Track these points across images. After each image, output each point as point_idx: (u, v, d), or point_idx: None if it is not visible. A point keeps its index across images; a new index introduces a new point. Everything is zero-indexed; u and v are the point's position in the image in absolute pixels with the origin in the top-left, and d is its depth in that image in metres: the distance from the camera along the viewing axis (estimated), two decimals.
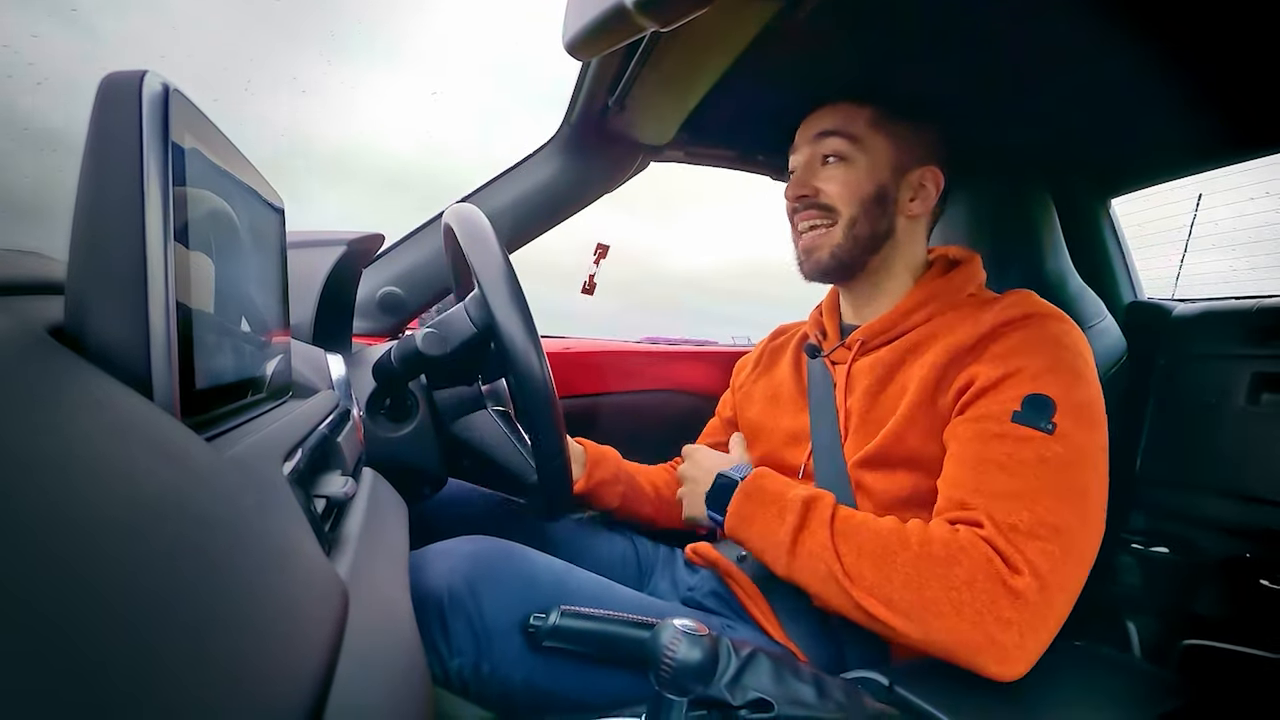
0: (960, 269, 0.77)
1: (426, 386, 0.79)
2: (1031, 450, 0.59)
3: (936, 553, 0.56)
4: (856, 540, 0.60)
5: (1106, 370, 0.84)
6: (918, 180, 0.77)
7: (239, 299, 0.37)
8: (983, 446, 0.61)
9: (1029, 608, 0.53)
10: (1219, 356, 0.97)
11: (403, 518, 0.52)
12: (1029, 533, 0.55)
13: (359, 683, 0.25)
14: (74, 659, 0.13)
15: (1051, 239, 0.93)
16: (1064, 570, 0.55)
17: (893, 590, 0.56)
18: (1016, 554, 0.54)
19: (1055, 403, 0.60)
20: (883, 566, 0.58)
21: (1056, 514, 0.56)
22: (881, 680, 0.58)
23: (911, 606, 0.56)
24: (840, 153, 0.75)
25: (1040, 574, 0.54)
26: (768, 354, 0.94)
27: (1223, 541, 0.93)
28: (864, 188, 0.75)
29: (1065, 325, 0.67)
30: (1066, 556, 0.55)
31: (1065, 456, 0.58)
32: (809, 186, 0.76)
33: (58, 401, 0.20)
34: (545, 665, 0.57)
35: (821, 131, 0.76)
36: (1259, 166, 0.98)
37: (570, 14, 0.46)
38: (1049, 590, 0.54)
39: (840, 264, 0.77)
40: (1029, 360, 0.63)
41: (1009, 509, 0.57)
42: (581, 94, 0.95)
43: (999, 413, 0.61)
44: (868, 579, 0.58)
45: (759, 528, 0.66)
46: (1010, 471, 0.58)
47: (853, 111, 0.76)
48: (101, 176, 0.26)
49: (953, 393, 0.66)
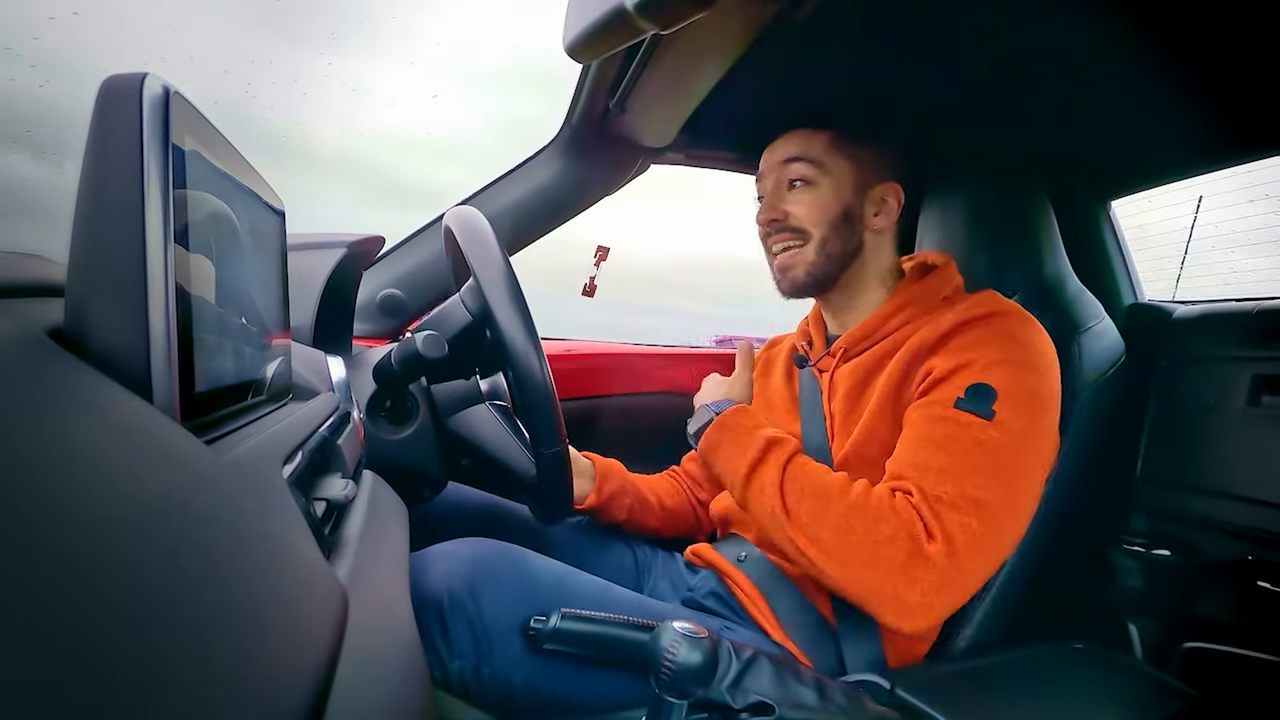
0: (935, 274, 0.80)
1: (426, 389, 0.79)
2: (969, 434, 0.63)
3: (870, 506, 0.62)
4: (802, 482, 0.66)
5: (1104, 372, 0.84)
6: (879, 196, 0.80)
7: (239, 301, 0.37)
8: (925, 428, 0.66)
9: (936, 571, 0.58)
10: (1219, 358, 0.97)
11: (403, 520, 0.52)
12: (950, 504, 0.60)
13: (359, 685, 0.25)
14: (78, 658, 0.13)
15: (1050, 241, 0.93)
16: (980, 542, 0.60)
17: (822, 530, 0.62)
18: (935, 522, 0.60)
19: (998, 392, 0.65)
20: (819, 510, 0.63)
21: (982, 490, 0.61)
22: (882, 683, 0.58)
23: (836, 549, 0.61)
24: (804, 176, 0.79)
25: (953, 542, 0.59)
26: (762, 364, 0.97)
27: (1224, 544, 0.93)
28: (831, 208, 0.78)
29: (1023, 322, 0.71)
30: (985, 529, 0.60)
31: (1000, 441, 0.63)
32: (778, 210, 0.80)
33: (57, 404, 0.20)
34: (545, 668, 0.57)
35: (786, 158, 0.80)
36: (1259, 168, 0.98)
37: (571, 16, 0.47)
38: (958, 558, 0.59)
39: (815, 280, 0.80)
40: (980, 353, 0.67)
41: (936, 481, 0.62)
42: (582, 96, 0.95)
43: (944, 398, 0.66)
44: (803, 518, 0.64)
45: (724, 455, 0.72)
46: (945, 450, 0.63)
47: (811, 136, 0.80)
48: (102, 179, 0.26)
49: (914, 386, 0.70)
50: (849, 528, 0.61)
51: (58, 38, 0.71)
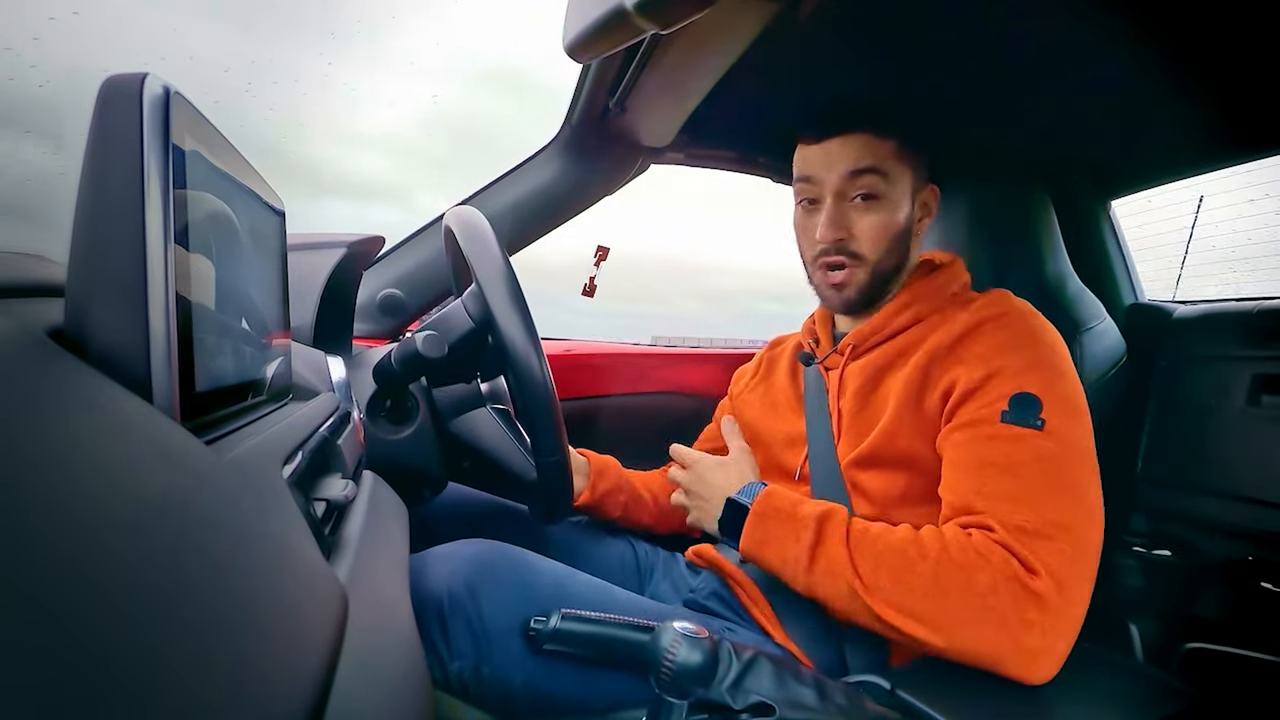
0: (942, 271, 0.79)
1: (427, 389, 0.79)
2: (1026, 449, 0.60)
3: (955, 559, 0.56)
4: (873, 552, 0.59)
5: (1105, 372, 0.84)
6: (925, 200, 0.79)
7: (239, 301, 0.37)
8: (979, 449, 0.62)
9: (1051, 609, 0.54)
10: (1219, 358, 0.97)
11: (403, 521, 0.52)
12: (1037, 533, 0.56)
13: (359, 685, 0.25)
14: (79, 658, 0.13)
15: (1051, 241, 0.93)
16: (1077, 567, 0.56)
17: (914, 601, 0.56)
18: (1031, 556, 0.55)
19: (1041, 399, 0.61)
20: (903, 577, 0.57)
21: (1060, 511, 0.57)
22: (883, 684, 0.58)
23: (934, 616, 0.55)
24: (875, 190, 0.74)
25: (1056, 574, 0.54)
26: (765, 363, 0.96)
27: (1224, 544, 0.93)
28: (894, 226, 0.75)
29: (1040, 321, 0.69)
30: (1077, 554, 0.56)
31: (1058, 452, 0.60)
32: (844, 229, 0.75)
33: (57, 404, 0.20)
34: (545, 668, 0.57)
35: (856, 169, 0.73)
36: (1259, 168, 0.98)
37: (570, 16, 0.47)
38: (1067, 590, 0.54)
39: (867, 298, 0.78)
40: (1009, 359, 0.64)
41: (1013, 510, 0.57)
42: (582, 96, 0.95)
43: (989, 415, 0.62)
44: (886, 590, 0.57)
45: (775, 548, 0.65)
46: (1010, 473, 0.59)
47: (879, 144, 0.74)
48: (102, 179, 0.26)
49: (938, 394, 0.67)
50: (942, 589, 0.55)
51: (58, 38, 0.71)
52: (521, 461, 0.75)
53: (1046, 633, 0.54)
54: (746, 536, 0.66)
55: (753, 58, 0.73)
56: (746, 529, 0.67)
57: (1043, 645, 0.54)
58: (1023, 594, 0.54)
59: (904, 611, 0.56)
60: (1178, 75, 0.78)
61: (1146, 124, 0.92)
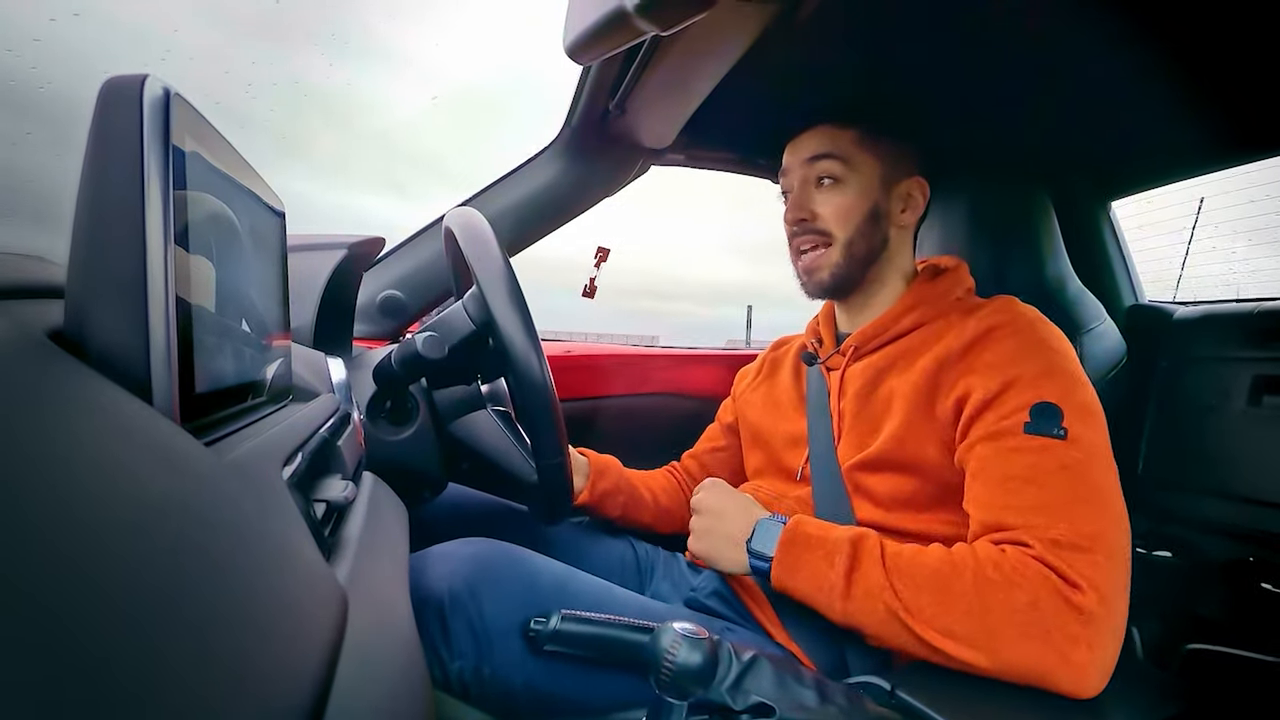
0: (947, 274, 0.79)
1: (427, 389, 0.79)
2: (1051, 459, 0.59)
3: (993, 577, 0.55)
4: (910, 573, 0.58)
5: (1106, 373, 0.84)
6: (905, 192, 0.80)
7: (239, 302, 0.37)
8: (1004, 463, 0.61)
9: (1095, 621, 0.53)
10: (1220, 359, 0.97)
11: (403, 521, 0.52)
12: (1074, 546, 0.55)
13: (359, 686, 0.25)
14: (79, 659, 0.13)
15: (1051, 242, 0.93)
16: (1115, 577, 0.56)
17: (954, 621, 0.55)
18: (1070, 570, 0.54)
19: (1061, 408, 0.61)
20: (943, 598, 0.56)
21: (1090, 521, 0.57)
22: (883, 685, 0.58)
23: (978, 636, 0.55)
24: (833, 174, 0.77)
25: (1098, 587, 0.54)
26: (768, 364, 0.96)
27: (1225, 544, 0.93)
28: (858, 208, 0.77)
29: (1048, 327, 0.69)
30: (1112, 562, 0.56)
31: (1083, 459, 0.59)
32: (806, 210, 0.79)
33: (57, 405, 0.20)
34: (546, 668, 0.57)
35: (813, 155, 0.78)
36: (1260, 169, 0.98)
37: (571, 18, 0.47)
38: (1108, 601, 0.54)
39: (840, 282, 0.79)
40: (1023, 367, 0.64)
41: (1046, 524, 0.57)
42: (582, 97, 0.95)
43: (1011, 426, 0.62)
44: (928, 612, 0.56)
45: (807, 573, 0.62)
46: (1037, 484, 0.59)
47: (838, 133, 0.78)
48: (102, 180, 0.26)
49: (950, 401, 0.67)
50: (984, 608, 0.54)
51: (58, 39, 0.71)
52: (522, 463, 0.75)
53: (1093, 645, 0.53)
54: (778, 564, 0.64)
55: (753, 59, 0.73)
56: (777, 557, 0.64)
57: (1090, 658, 0.53)
58: (1065, 608, 0.53)
59: (947, 633, 0.55)
60: (1178, 76, 0.78)
61: (1147, 125, 0.92)
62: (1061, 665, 0.53)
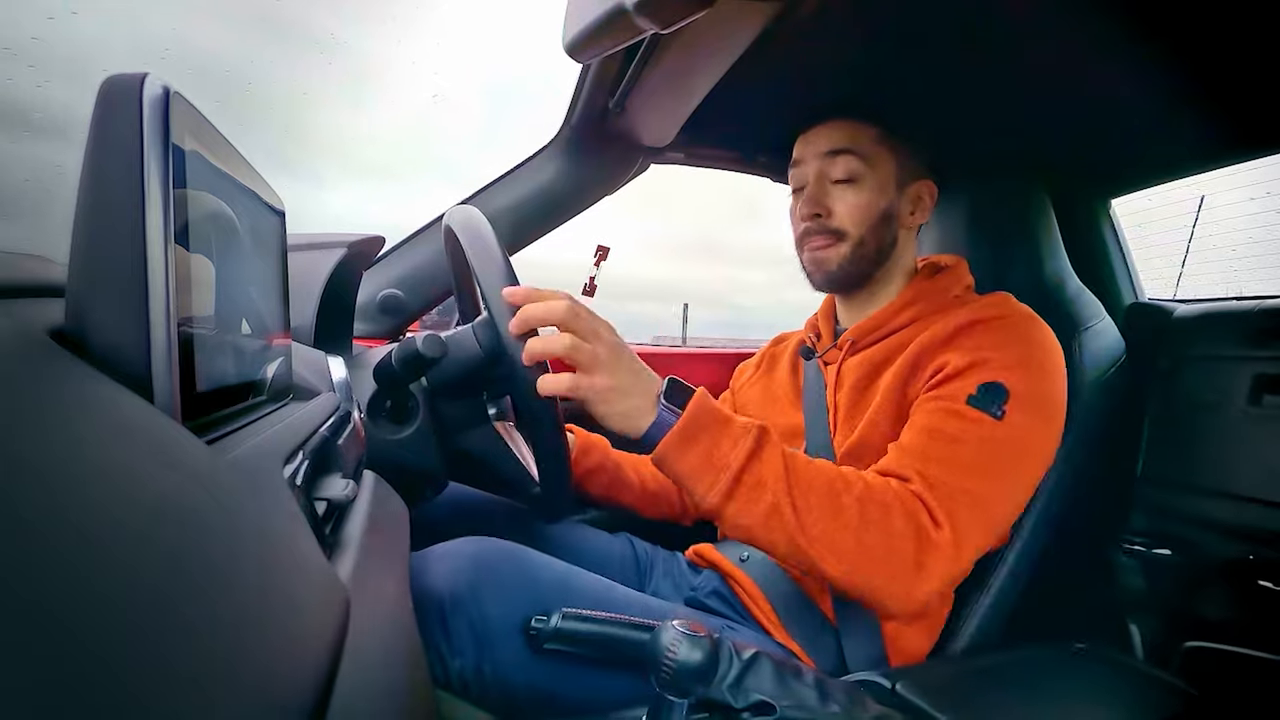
0: (946, 273, 0.80)
1: (427, 389, 0.79)
2: (978, 431, 0.63)
3: (877, 497, 0.58)
4: (807, 476, 0.57)
5: (1105, 371, 0.84)
6: (916, 194, 0.80)
7: (240, 301, 0.37)
8: (936, 419, 0.65)
9: (944, 559, 0.57)
10: (1220, 358, 0.97)
11: (404, 520, 0.52)
12: (950, 495, 0.60)
13: (360, 685, 0.25)
14: (79, 659, 0.13)
15: (1050, 240, 0.93)
16: (975, 535, 0.60)
17: (833, 530, 0.56)
18: (939, 509, 0.58)
19: (1010, 393, 0.64)
20: (830, 505, 0.57)
21: (982, 488, 0.61)
22: (884, 682, 0.58)
23: (846, 549, 0.56)
24: (852, 172, 0.77)
25: (957, 529, 0.58)
26: (768, 358, 0.97)
27: (1225, 543, 0.93)
28: (874, 208, 0.77)
29: (1037, 325, 0.71)
30: (978, 525, 0.60)
31: (1006, 442, 0.63)
32: (822, 206, 0.78)
33: (58, 404, 0.20)
34: (547, 667, 0.57)
35: (832, 150, 0.77)
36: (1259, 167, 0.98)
37: (570, 16, 0.47)
38: (961, 547, 0.58)
39: (848, 276, 0.80)
40: (997, 354, 0.66)
41: (940, 472, 0.61)
42: (582, 95, 0.95)
43: (957, 393, 0.65)
44: (812, 515, 0.56)
45: (705, 447, 0.56)
46: (954, 445, 0.63)
47: (860, 129, 0.77)
48: (102, 179, 0.26)
49: (923, 381, 0.70)
50: (863, 524, 0.56)
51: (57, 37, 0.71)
52: (523, 475, 0.75)
53: (931, 579, 0.57)
54: (682, 432, 0.56)
55: (753, 57, 0.73)
56: (683, 425, 0.56)
57: (926, 591, 0.57)
58: (925, 542, 0.57)
59: (821, 540, 0.56)
60: (1178, 74, 0.78)
61: (1146, 123, 0.91)
62: (902, 592, 0.57)
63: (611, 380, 0.55)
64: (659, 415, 0.56)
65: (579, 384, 0.54)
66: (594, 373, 0.55)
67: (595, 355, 0.55)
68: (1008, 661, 0.71)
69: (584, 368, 0.55)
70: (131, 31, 6.86)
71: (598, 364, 0.55)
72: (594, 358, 0.55)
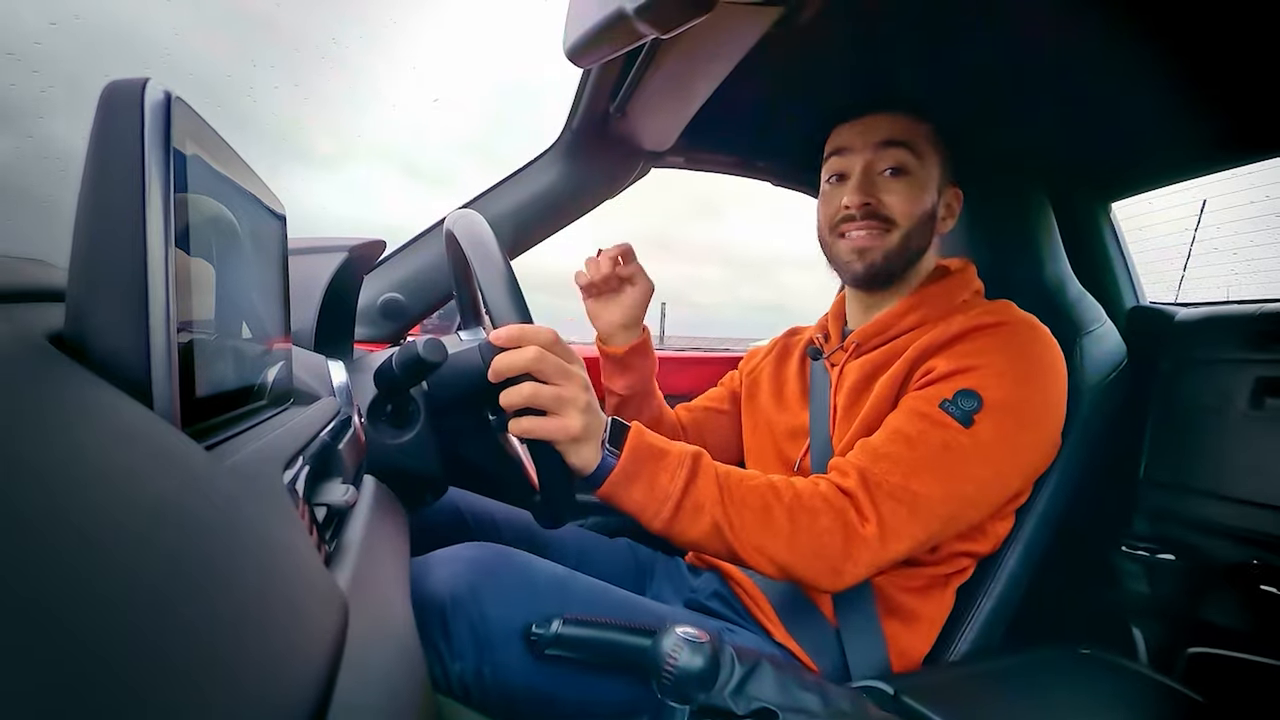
0: (952, 277, 0.79)
1: (428, 393, 0.79)
2: (941, 435, 0.64)
3: (805, 504, 0.62)
4: (740, 494, 0.62)
5: (1106, 375, 0.83)
6: (949, 199, 0.80)
7: (240, 306, 0.37)
8: (902, 420, 0.67)
9: (870, 549, 0.61)
10: (1221, 361, 0.97)
11: (404, 525, 0.52)
12: (890, 494, 0.62)
13: (360, 691, 0.25)
14: (79, 664, 0.13)
15: (1050, 244, 0.93)
16: (908, 530, 0.62)
17: (767, 539, 0.60)
18: (870, 506, 0.62)
19: (985, 403, 0.64)
20: (762, 518, 0.61)
21: (928, 490, 0.62)
22: (886, 689, 0.58)
23: (779, 552, 0.60)
24: (904, 165, 0.75)
25: (884, 524, 0.61)
26: (780, 347, 0.96)
27: (1228, 547, 0.92)
28: (922, 203, 0.76)
29: (1036, 332, 0.71)
30: (915, 521, 0.62)
31: (968, 450, 0.64)
32: (873, 196, 0.76)
33: (57, 409, 0.20)
34: (547, 671, 0.57)
35: (886, 140, 0.75)
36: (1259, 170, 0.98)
37: (571, 21, 0.47)
38: (886, 540, 0.61)
39: (889, 269, 0.78)
40: (982, 361, 0.67)
41: (882, 470, 0.63)
42: (583, 100, 0.95)
43: (933, 396, 0.66)
44: (749, 529, 0.61)
45: (646, 483, 0.60)
46: (912, 445, 0.64)
47: (914, 125, 0.76)
48: (103, 184, 0.26)
49: (914, 383, 0.70)
50: (793, 530, 0.61)
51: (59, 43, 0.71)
52: (524, 483, 0.75)
53: (859, 566, 0.61)
54: (622, 471, 0.59)
55: (753, 61, 0.73)
56: (622, 465, 0.59)
57: (853, 575, 0.61)
58: (852, 535, 0.61)
59: (757, 549, 0.61)
60: (1178, 76, 0.78)
61: (1147, 126, 0.92)
62: (829, 574, 0.61)
63: (571, 423, 0.56)
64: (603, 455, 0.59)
65: (541, 427, 0.56)
66: (560, 414, 0.56)
67: (559, 398, 0.55)
68: (1010, 667, 0.71)
69: (550, 410, 0.56)
70: (131, 36, 6.87)
71: (561, 407, 0.56)
72: (557, 400, 0.55)
